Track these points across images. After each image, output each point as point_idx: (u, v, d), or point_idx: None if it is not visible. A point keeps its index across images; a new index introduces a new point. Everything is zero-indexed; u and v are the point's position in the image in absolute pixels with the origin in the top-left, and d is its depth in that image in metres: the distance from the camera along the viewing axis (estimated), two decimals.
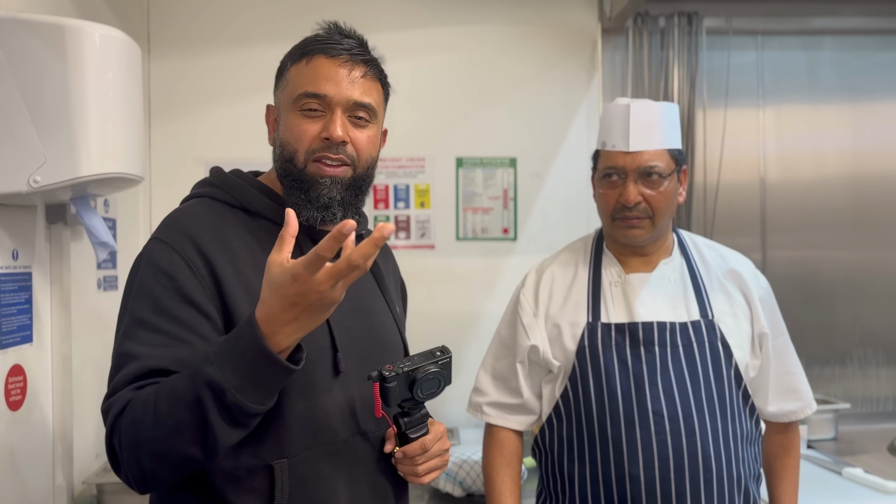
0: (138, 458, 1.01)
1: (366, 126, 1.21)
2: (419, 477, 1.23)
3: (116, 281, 2.34)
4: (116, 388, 1.06)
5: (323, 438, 1.16)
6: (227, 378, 0.96)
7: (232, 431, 0.99)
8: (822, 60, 3.01)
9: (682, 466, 1.47)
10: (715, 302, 1.58)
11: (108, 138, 1.60)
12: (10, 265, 1.65)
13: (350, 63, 1.20)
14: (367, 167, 1.23)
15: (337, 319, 1.18)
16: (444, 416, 2.59)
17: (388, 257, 1.48)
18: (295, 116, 1.19)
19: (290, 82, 1.22)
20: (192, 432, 0.98)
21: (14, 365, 1.66)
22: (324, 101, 1.18)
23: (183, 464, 1.01)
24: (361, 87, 1.20)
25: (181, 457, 1.00)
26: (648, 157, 1.54)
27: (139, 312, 1.09)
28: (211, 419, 0.97)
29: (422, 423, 1.21)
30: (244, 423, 1.00)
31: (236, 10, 2.75)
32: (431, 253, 2.83)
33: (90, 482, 2.01)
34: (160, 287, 1.10)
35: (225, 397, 0.96)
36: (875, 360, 3.02)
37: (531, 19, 2.83)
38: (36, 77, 1.52)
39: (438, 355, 1.18)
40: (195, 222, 1.17)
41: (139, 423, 1.00)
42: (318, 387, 1.16)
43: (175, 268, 1.11)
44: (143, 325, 1.08)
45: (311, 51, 1.21)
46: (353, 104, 1.19)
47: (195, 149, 2.73)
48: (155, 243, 1.15)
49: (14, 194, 1.54)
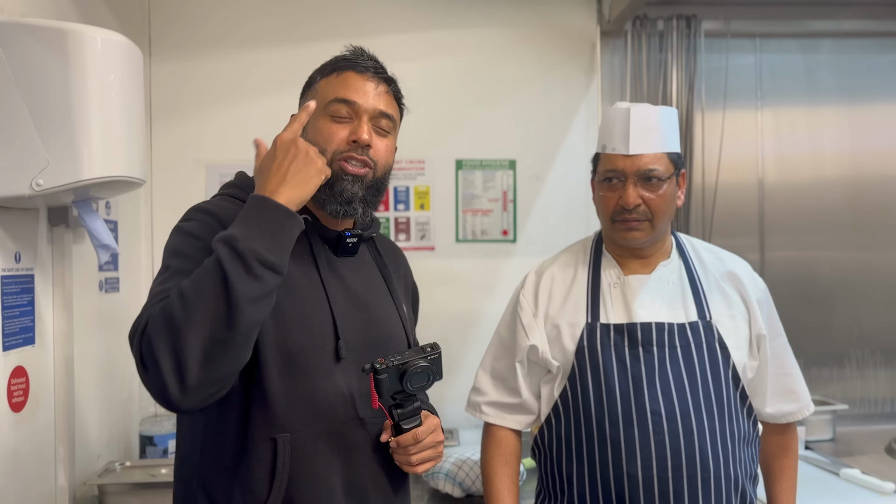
0: (176, 342, 1.05)
1: (386, 136, 1.35)
2: (413, 466, 1.31)
3: (118, 283, 2.36)
4: (144, 312, 1.13)
5: (323, 418, 1.25)
6: (237, 230, 1.10)
7: (249, 282, 1.07)
8: (820, 63, 3.03)
9: (679, 466, 1.48)
10: (713, 304, 1.60)
11: (110, 142, 1.61)
12: (13, 267, 1.66)
13: (376, 78, 1.34)
14: (384, 172, 1.36)
15: (341, 310, 1.29)
16: (444, 416, 2.58)
17: (401, 260, 1.55)
18: (325, 121, 1.31)
19: (319, 92, 1.35)
20: (215, 290, 1.06)
21: (17, 366, 1.67)
22: (352, 108, 1.31)
23: (219, 332, 1.05)
24: (385, 100, 1.35)
25: (212, 324, 1.05)
26: (648, 161, 1.55)
27: (166, 263, 1.22)
28: (227, 269, 1.06)
29: (415, 415, 1.28)
30: (258, 273, 1.08)
31: (237, 13, 2.76)
32: (431, 254, 2.84)
33: (92, 483, 2.03)
34: (185, 244, 1.22)
35: (237, 244, 1.08)
36: (873, 362, 3.03)
37: (530, 22, 2.85)
38: (39, 81, 1.53)
39: (429, 351, 1.28)
40: (220, 210, 1.29)
41: (169, 312, 1.07)
42: (321, 370, 1.26)
43: (199, 230, 1.24)
44: (171, 270, 1.19)
45: (342, 67, 1.35)
46: (378, 113, 1.33)
47: (196, 151, 2.74)
48: (182, 220, 1.29)
49: (17, 197, 1.55)
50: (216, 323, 1.06)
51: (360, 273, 1.38)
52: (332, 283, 1.31)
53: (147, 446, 2.39)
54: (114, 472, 2.14)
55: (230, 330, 1.06)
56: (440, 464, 2.12)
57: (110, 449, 2.32)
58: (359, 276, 1.38)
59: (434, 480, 2.13)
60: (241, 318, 1.06)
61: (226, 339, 1.06)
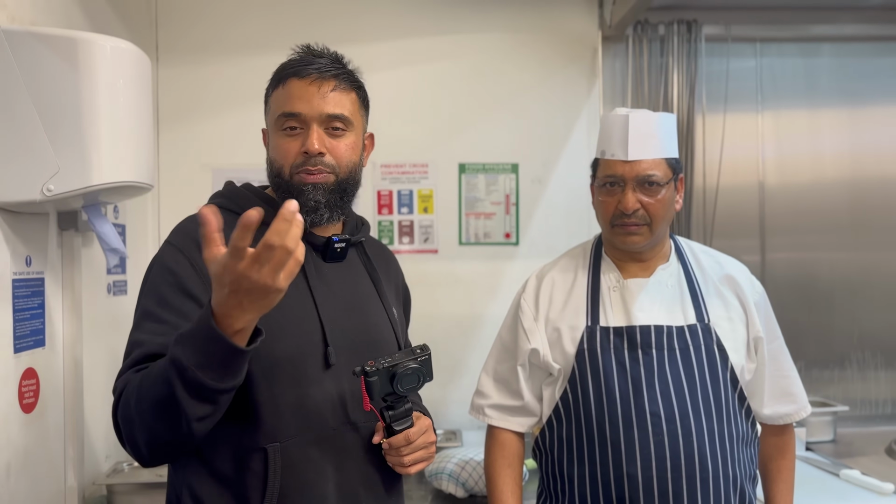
0: (132, 432, 1.13)
1: (343, 135, 1.33)
2: (405, 467, 1.31)
3: (126, 286, 2.38)
4: (122, 372, 1.19)
5: (313, 425, 1.26)
6: (187, 356, 1.04)
7: (199, 405, 1.07)
8: (820, 66, 3.05)
9: (678, 466, 1.50)
10: (711, 306, 1.62)
11: (119, 148, 1.64)
12: (24, 271, 1.69)
13: (319, 80, 1.31)
14: (350, 171, 1.34)
15: (330, 316, 1.31)
16: (447, 417, 2.63)
17: (391, 263, 1.55)
18: (278, 136, 1.33)
19: (271, 107, 1.36)
20: (167, 406, 1.07)
21: (27, 368, 1.70)
22: (300, 119, 1.30)
23: (167, 436, 1.11)
24: (333, 101, 1.31)
25: (163, 429, 1.10)
26: (647, 166, 1.58)
27: (146, 306, 1.23)
28: (178, 394, 1.05)
29: (406, 417, 1.29)
30: (209, 397, 1.07)
31: (243, 18, 2.79)
32: (434, 257, 2.87)
33: (100, 483, 2.06)
34: (165, 283, 1.23)
35: (186, 374, 1.04)
36: (874, 363, 3.04)
37: (532, 27, 2.87)
38: (49, 88, 1.56)
39: (418, 353, 1.28)
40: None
41: (130, 400, 1.13)
42: (309, 378, 1.27)
43: (180, 266, 1.24)
44: (149, 316, 1.22)
45: (285, 75, 1.34)
46: (326, 117, 1.31)
47: (202, 155, 2.77)
48: (165, 246, 1.30)
49: (28, 202, 1.58)
50: (164, 431, 1.10)
51: (348, 278, 1.39)
52: (320, 290, 1.32)
53: None
54: (122, 472, 2.18)
55: (187, 437, 1.10)
56: (443, 465, 2.15)
57: (118, 450, 2.35)
58: (348, 280, 1.38)
59: (437, 481, 2.15)
60: (195, 431, 1.09)
61: (172, 441, 1.12)
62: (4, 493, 1.58)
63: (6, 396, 1.61)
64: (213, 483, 1.24)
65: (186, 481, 1.26)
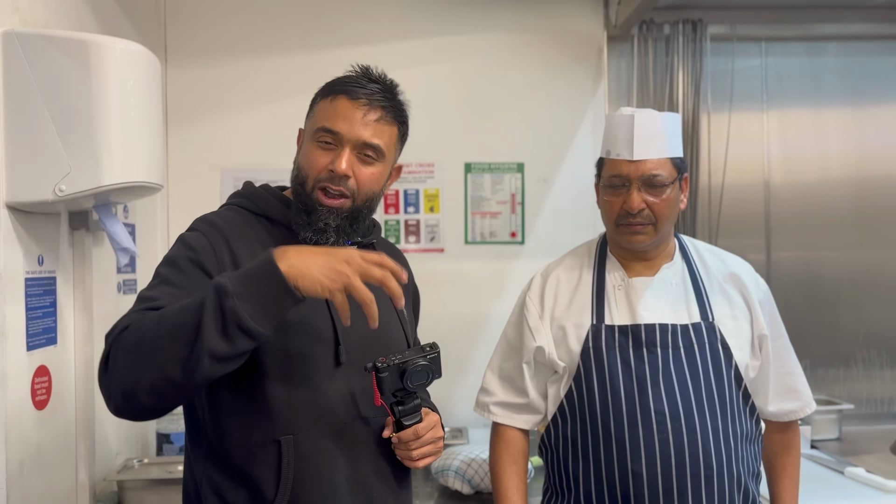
0: (126, 363, 1.11)
1: (372, 164, 1.35)
2: (414, 461, 1.35)
3: (136, 285, 2.41)
4: (126, 317, 1.18)
5: (326, 419, 1.30)
6: (233, 284, 1.08)
7: (219, 340, 1.07)
8: (826, 65, 3.05)
9: (683, 464, 1.51)
10: (715, 305, 1.63)
11: (130, 148, 1.66)
12: (36, 270, 1.71)
13: (367, 106, 1.34)
14: (367, 200, 1.37)
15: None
16: (453, 414, 2.64)
17: (402, 265, 1.55)
18: (311, 146, 1.35)
19: (315, 115, 1.38)
20: (185, 332, 1.07)
21: (40, 366, 1.72)
22: (336, 137, 1.33)
23: (165, 370, 1.08)
24: (373, 129, 1.34)
25: (167, 360, 1.08)
26: (652, 166, 1.59)
27: (161, 271, 1.27)
28: (205, 319, 1.06)
29: (415, 412, 1.32)
30: (231, 334, 1.07)
31: (251, 20, 2.81)
32: (441, 256, 2.88)
33: (111, 479, 2.08)
34: (182, 256, 1.27)
35: (225, 299, 1.06)
36: (879, 362, 3.05)
37: (538, 28, 2.88)
38: (61, 90, 1.59)
39: (428, 350, 1.31)
40: (225, 221, 1.35)
41: (140, 336, 1.11)
42: (322, 374, 1.30)
43: (199, 245, 1.28)
44: (163, 280, 1.25)
45: (337, 91, 1.36)
46: (361, 143, 1.33)
47: (212, 156, 2.80)
48: (189, 230, 1.34)
49: (40, 202, 1.61)
50: (174, 367, 1.08)
51: None
52: None
53: (164, 444, 2.44)
54: (132, 468, 2.20)
55: (184, 376, 1.09)
56: (450, 461, 2.16)
57: (128, 446, 2.38)
58: None
59: (444, 478, 2.17)
60: (198, 370, 1.08)
61: (177, 383, 1.10)
62: (18, 488, 1.60)
63: (19, 394, 1.63)
64: (230, 474, 1.28)
65: (206, 473, 1.30)
